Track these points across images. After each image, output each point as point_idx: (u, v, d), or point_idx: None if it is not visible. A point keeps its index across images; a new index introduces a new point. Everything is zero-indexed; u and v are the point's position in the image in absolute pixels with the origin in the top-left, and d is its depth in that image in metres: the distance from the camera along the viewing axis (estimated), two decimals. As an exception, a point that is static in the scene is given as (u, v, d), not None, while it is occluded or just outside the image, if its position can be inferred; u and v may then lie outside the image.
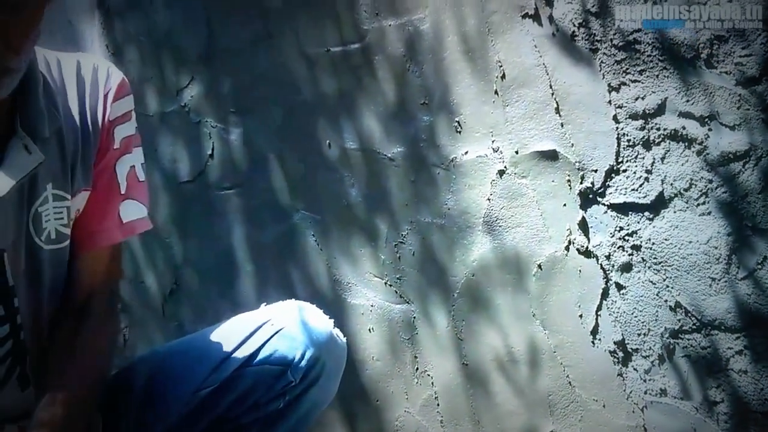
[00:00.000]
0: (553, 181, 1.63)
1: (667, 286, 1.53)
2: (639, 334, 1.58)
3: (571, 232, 1.62)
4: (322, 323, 1.38)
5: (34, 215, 1.14)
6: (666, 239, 1.51)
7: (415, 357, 1.92)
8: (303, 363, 1.32)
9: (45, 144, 1.14)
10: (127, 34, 2.39)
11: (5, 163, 1.08)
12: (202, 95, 2.24)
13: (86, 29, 2.53)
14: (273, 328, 1.34)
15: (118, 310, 1.36)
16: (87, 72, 1.24)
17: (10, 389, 1.16)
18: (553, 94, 1.59)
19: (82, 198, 1.22)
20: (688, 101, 1.44)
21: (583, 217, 1.60)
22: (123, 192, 1.27)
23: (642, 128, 1.50)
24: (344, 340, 1.42)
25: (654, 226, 1.52)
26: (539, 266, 1.68)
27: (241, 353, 1.32)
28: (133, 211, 1.30)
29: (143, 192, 1.32)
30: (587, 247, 1.61)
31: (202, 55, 2.20)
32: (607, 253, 1.58)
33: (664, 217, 1.51)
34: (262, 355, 1.32)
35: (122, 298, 2.56)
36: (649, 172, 1.50)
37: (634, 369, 1.60)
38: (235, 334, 1.35)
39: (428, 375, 1.91)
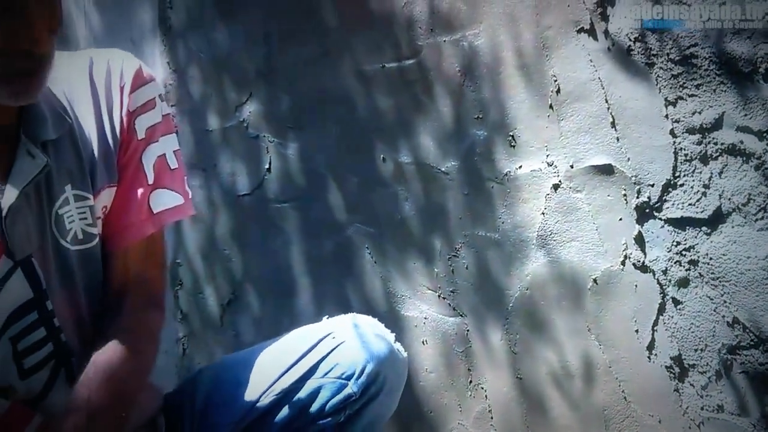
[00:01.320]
0: (608, 195, 1.62)
1: (725, 302, 1.51)
2: (696, 350, 1.57)
3: (627, 246, 1.62)
4: (384, 338, 1.37)
5: (56, 218, 1.14)
6: (724, 254, 1.50)
7: (469, 370, 1.93)
8: (364, 377, 1.31)
9: (55, 147, 1.14)
10: (188, 51, 2.45)
11: (13, 170, 1.09)
12: (260, 111, 2.28)
13: (148, 47, 2.60)
14: (334, 341, 1.34)
15: (160, 308, 1.32)
16: (100, 69, 1.22)
17: (60, 391, 1.17)
18: (608, 108, 1.59)
19: (107, 194, 1.21)
20: (746, 115, 1.43)
21: (640, 232, 1.60)
22: (151, 182, 1.24)
23: (699, 142, 1.49)
24: (405, 354, 1.41)
25: (711, 241, 1.51)
26: (594, 281, 1.67)
27: (303, 366, 1.33)
28: (164, 200, 1.27)
29: (177, 179, 1.28)
30: (643, 262, 1.60)
31: (261, 71, 2.25)
32: (664, 268, 1.57)
33: (721, 232, 1.49)
34: (323, 368, 1.32)
35: (181, 308, 2.61)
36: (706, 186, 1.49)
37: (691, 384, 1.59)
38: (296, 346, 1.36)
39: (482, 388, 1.91)
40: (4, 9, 0.94)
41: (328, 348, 1.34)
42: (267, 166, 2.29)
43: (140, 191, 1.24)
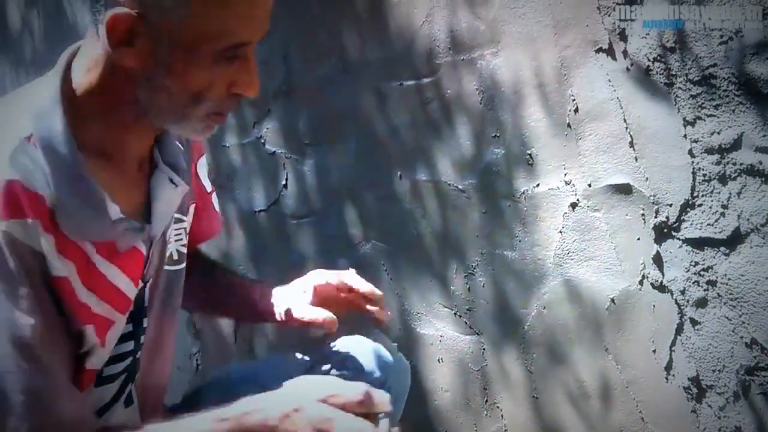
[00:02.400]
0: (626, 214, 1.62)
1: (743, 323, 1.50)
2: (714, 371, 1.56)
3: (645, 266, 1.61)
4: (387, 347, 1.42)
5: (163, 241, 1.20)
6: (742, 275, 1.49)
7: (485, 389, 1.92)
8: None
9: (182, 175, 1.20)
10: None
11: (158, 199, 1.13)
12: (278, 127, 2.29)
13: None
14: (340, 353, 1.38)
15: None
16: None
17: (118, 410, 1.19)
18: (627, 128, 1.59)
19: (191, 213, 1.29)
20: (764, 136, 1.43)
21: (658, 252, 1.59)
22: (210, 190, 1.38)
23: (718, 163, 1.48)
24: (408, 363, 1.45)
25: (730, 262, 1.50)
26: (612, 300, 1.67)
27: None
28: (217, 202, 1.43)
29: None
30: (662, 282, 1.59)
31: (279, 88, 2.26)
32: (682, 288, 1.57)
33: (740, 252, 1.49)
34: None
35: (194, 324, 2.61)
36: (725, 207, 1.49)
37: (709, 406, 1.58)
38: (302, 360, 1.39)
39: (498, 407, 1.90)
40: (233, 57, 0.98)
41: (334, 360, 1.38)
42: (284, 183, 2.30)
43: (208, 198, 1.38)
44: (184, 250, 1.25)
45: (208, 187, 1.38)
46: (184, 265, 1.26)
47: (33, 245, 0.94)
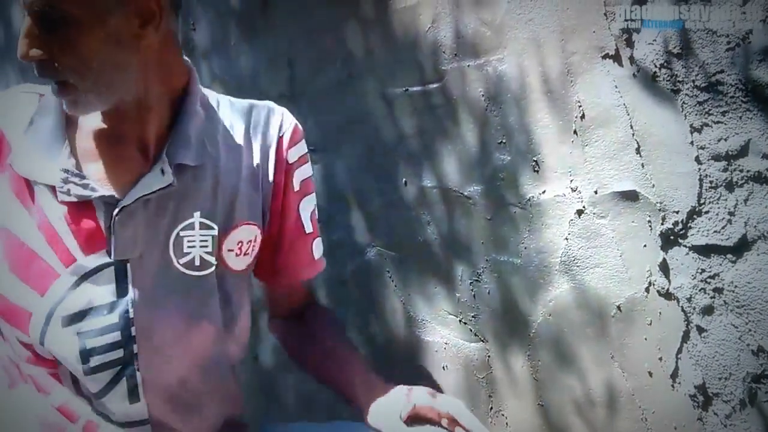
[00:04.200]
0: (633, 221, 1.62)
1: (750, 330, 1.50)
2: (720, 378, 1.55)
3: (651, 273, 1.61)
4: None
5: (176, 238, 1.21)
6: (749, 282, 1.49)
7: (490, 396, 1.92)
8: None
9: (195, 174, 1.22)
10: (212, 73, 2.47)
11: (141, 181, 1.18)
12: (282, 133, 2.29)
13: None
14: None
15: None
16: (260, 115, 1.36)
17: (117, 398, 1.19)
18: (633, 134, 1.59)
19: (246, 231, 1.30)
20: (772, 143, 1.43)
21: (664, 259, 1.59)
22: (310, 231, 1.42)
23: (725, 170, 1.48)
24: None
25: (737, 269, 1.49)
26: (618, 308, 1.66)
27: None
28: (319, 249, 1.48)
29: (318, 232, 1.48)
30: (668, 289, 1.59)
31: (284, 94, 2.26)
32: (689, 296, 1.56)
33: (747, 260, 1.48)
34: None
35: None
36: (732, 214, 1.48)
37: (715, 414, 1.57)
38: None
39: (503, 415, 1.90)
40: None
41: None
42: (289, 189, 2.30)
43: (304, 238, 1.41)
44: (210, 258, 1.26)
45: (308, 228, 1.41)
46: (208, 272, 1.26)
47: None
